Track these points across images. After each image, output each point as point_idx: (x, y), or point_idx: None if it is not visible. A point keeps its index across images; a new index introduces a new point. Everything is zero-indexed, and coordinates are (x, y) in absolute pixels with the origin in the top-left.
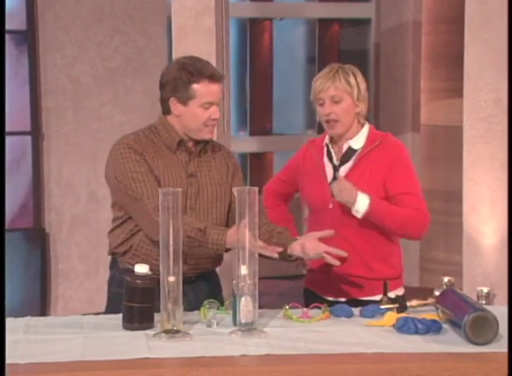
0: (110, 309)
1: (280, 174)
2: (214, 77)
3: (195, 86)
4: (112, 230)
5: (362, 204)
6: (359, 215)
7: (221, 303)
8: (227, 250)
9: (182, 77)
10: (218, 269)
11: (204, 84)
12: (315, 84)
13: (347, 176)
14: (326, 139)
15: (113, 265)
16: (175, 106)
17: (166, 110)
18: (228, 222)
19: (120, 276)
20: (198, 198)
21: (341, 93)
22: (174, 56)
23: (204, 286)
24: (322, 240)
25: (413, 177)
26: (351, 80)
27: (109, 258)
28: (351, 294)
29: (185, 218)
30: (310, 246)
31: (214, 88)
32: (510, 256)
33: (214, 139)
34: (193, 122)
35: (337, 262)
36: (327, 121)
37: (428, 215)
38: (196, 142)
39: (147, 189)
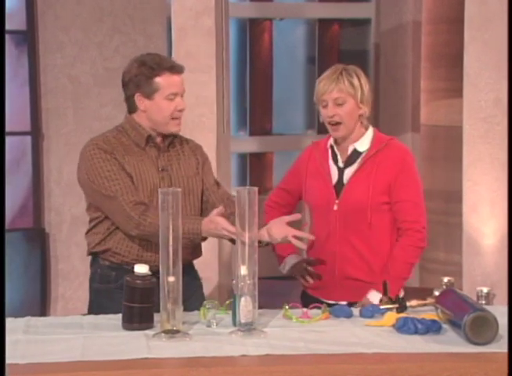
0: (94, 305)
1: (281, 183)
2: (174, 68)
3: (157, 79)
4: (89, 231)
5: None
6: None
7: (202, 298)
8: (203, 239)
9: (143, 72)
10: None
11: (166, 76)
12: (319, 85)
13: (352, 178)
14: (331, 141)
15: (94, 262)
16: (141, 101)
17: (132, 109)
18: (202, 213)
19: (102, 271)
20: None
21: (345, 95)
22: (175, 56)
23: (184, 279)
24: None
25: (417, 184)
26: (355, 82)
27: None
28: (353, 297)
29: (157, 211)
30: (277, 230)
31: (176, 79)
32: (510, 256)
33: (214, 138)
34: (160, 115)
35: (304, 246)
36: (330, 123)
37: (424, 226)
38: (164, 137)
39: (120, 187)
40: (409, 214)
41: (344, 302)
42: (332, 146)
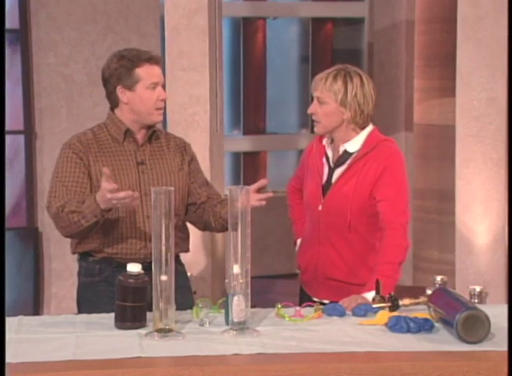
0: (80, 299)
1: (297, 169)
2: (152, 59)
3: (138, 70)
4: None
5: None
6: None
7: (189, 291)
8: (109, 210)
9: (123, 65)
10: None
11: (146, 67)
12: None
13: (339, 179)
14: (325, 140)
15: (79, 257)
16: (123, 93)
17: (114, 104)
18: (188, 213)
19: (87, 265)
20: (152, 185)
21: (325, 96)
22: (168, 55)
23: None
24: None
25: (398, 182)
26: (337, 85)
27: None
28: (333, 297)
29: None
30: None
31: (156, 69)
32: (510, 256)
33: (207, 137)
34: (143, 105)
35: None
36: (313, 120)
37: (402, 223)
38: (146, 132)
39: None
40: (387, 213)
41: (327, 301)
42: (325, 145)
